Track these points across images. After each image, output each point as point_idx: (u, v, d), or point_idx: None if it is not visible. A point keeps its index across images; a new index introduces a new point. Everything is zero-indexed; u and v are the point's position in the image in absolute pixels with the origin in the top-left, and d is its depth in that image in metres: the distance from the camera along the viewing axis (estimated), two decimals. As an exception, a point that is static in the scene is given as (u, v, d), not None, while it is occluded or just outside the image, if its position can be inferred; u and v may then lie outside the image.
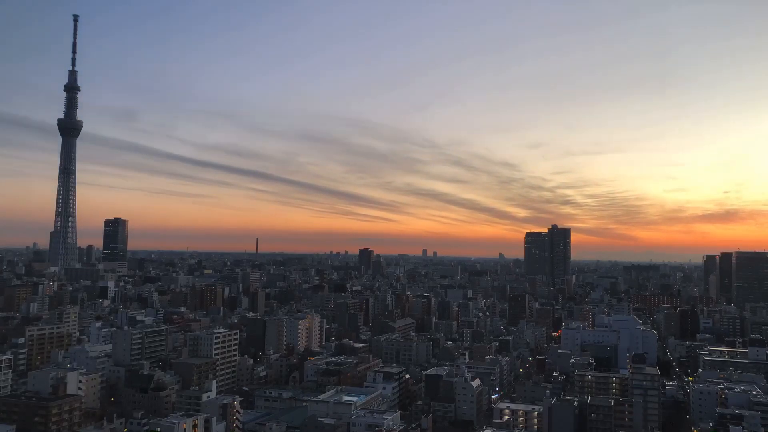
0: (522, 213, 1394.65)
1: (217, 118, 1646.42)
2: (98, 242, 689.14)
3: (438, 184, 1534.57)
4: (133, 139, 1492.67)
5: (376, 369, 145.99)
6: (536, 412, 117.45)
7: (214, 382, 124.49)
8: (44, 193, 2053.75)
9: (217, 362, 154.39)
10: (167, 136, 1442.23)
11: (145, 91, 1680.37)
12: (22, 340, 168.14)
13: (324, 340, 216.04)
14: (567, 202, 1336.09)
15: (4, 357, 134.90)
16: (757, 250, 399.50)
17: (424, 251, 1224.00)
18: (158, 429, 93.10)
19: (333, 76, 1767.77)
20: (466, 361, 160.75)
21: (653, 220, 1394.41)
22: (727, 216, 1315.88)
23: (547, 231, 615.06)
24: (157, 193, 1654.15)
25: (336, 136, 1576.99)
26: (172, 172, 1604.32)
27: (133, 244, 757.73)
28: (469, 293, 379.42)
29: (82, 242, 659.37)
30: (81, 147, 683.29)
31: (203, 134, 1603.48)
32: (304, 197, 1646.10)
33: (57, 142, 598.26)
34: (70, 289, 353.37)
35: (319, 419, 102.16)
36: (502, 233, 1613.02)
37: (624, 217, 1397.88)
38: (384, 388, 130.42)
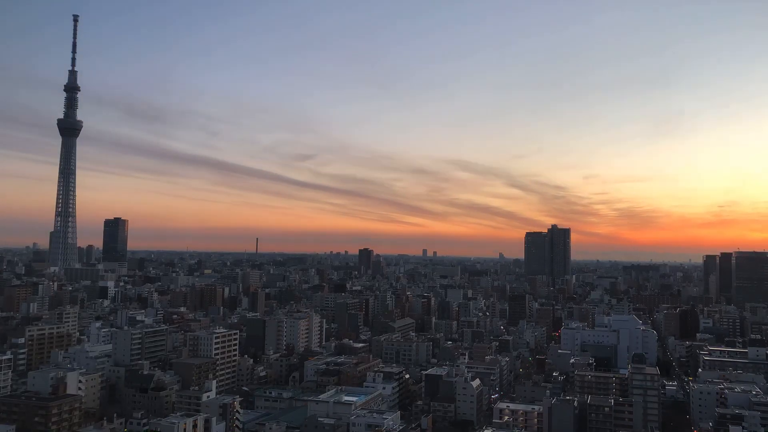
0: (550, 221, 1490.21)
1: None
2: (98, 242, 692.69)
3: (491, 200, 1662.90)
4: (141, 137, 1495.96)
5: (376, 369, 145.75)
6: (536, 412, 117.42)
7: (214, 382, 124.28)
8: (44, 193, 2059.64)
9: (217, 362, 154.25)
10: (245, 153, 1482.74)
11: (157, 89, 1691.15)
12: (22, 340, 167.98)
13: (324, 340, 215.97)
14: (592, 213, 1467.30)
15: (4, 357, 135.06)
16: (756, 250, 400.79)
17: (424, 251, 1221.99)
18: (158, 429, 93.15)
19: (454, 128, 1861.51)
20: (466, 361, 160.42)
21: (661, 225, 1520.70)
22: (724, 224, 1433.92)
23: (547, 231, 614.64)
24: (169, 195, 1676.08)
25: (435, 170, 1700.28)
26: (175, 172, 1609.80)
27: (133, 244, 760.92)
28: (469, 293, 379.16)
29: (82, 242, 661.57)
30: (81, 147, 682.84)
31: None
32: (366, 209, 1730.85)
33: (57, 141, 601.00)
34: (70, 289, 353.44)
35: (319, 419, 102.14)
36: (503, 233, 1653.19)
37: (637, 224, 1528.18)
38: (384, 388, 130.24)
